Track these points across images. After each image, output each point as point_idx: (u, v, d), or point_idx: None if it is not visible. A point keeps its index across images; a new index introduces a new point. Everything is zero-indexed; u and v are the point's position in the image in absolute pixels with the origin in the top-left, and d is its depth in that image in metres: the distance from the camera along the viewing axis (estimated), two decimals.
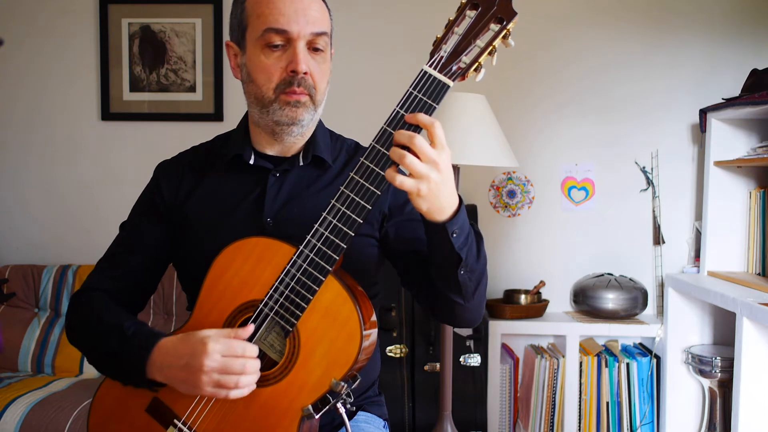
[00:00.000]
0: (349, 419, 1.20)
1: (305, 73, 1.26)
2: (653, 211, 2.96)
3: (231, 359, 1.12)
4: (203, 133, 1.53)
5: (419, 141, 1.07)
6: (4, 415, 2.24)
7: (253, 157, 1.35)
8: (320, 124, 1.40)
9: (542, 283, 2.87)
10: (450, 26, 1.10)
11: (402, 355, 2.63)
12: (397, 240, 1.34)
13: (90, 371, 2.66)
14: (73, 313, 1.35)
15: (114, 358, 1.23)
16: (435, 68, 1.10)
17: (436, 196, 1.10)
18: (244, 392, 1.14)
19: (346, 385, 1.14)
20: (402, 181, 1.07)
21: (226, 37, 2.95)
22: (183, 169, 1.40)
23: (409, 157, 1.07)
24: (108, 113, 3.03)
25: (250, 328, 1.16)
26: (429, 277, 1.27)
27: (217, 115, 3.00)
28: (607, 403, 2.75)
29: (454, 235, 1.14)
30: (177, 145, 1.48)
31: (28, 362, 2.68)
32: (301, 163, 1.35)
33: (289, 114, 1.28)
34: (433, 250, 1.21)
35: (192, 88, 3.01)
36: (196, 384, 1.13)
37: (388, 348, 2.62)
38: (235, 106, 2.96)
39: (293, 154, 1.36)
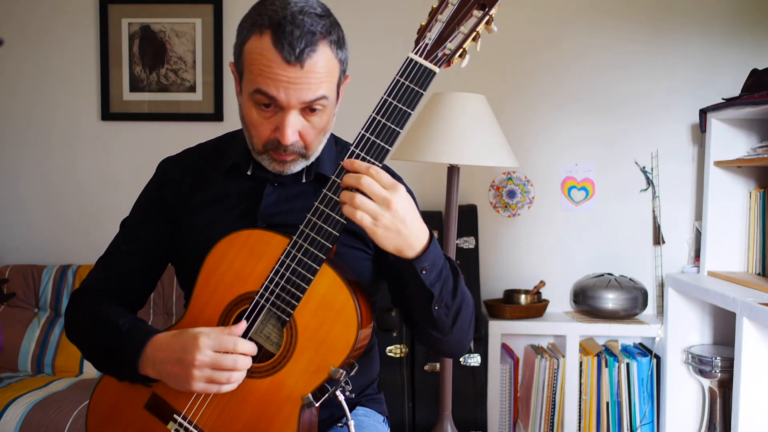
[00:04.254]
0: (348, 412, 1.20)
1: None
2: (653, 211, 2.95)
3: (222, 355, 1.12)
4: (203, 133, 1.53)
5: (367, 182, 1.07)
6: (4, 415, 2.24)
7: (251, 168, 1.32)
8: None
9: (542, 283, 2.87)
10: (434, 14, 1.11)
11: (402, 355, 2.62)
12: (390, 261, 1.31)
13: (90, 371, 2.66)
14: (71, 311, 1.35)
15: (109, 353, 1.23)
16: (421, 55, 1.11)
17: (398, 234, 1.10)
18: (233, 386, 1.15)
19: (344, 373, 1.14)
20: (361, 218, 1.08)
21: (226, 37, 2.96)
22: (186, 167, 1.38)
23: (359, 198, 1.07)
24: (108, 113, 3.03)
25: (242, 324, 1.16)
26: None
27: (217, 115, 3.00)
28: (607, 403, 2.75)
29: (424, 272, 1.14)
30: (177, 145, 1.47)
31: (28, 362, 2.68)
32: (304, 181, 1.32)
33: (276, 168, 1.26)
34: (407, 284, 1.20)
35: (192, 88, 3.01)
36: (187, 379, 1.13)
37: (388, 348, 2.62)
38: (235, 106, 2.92)
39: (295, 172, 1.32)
